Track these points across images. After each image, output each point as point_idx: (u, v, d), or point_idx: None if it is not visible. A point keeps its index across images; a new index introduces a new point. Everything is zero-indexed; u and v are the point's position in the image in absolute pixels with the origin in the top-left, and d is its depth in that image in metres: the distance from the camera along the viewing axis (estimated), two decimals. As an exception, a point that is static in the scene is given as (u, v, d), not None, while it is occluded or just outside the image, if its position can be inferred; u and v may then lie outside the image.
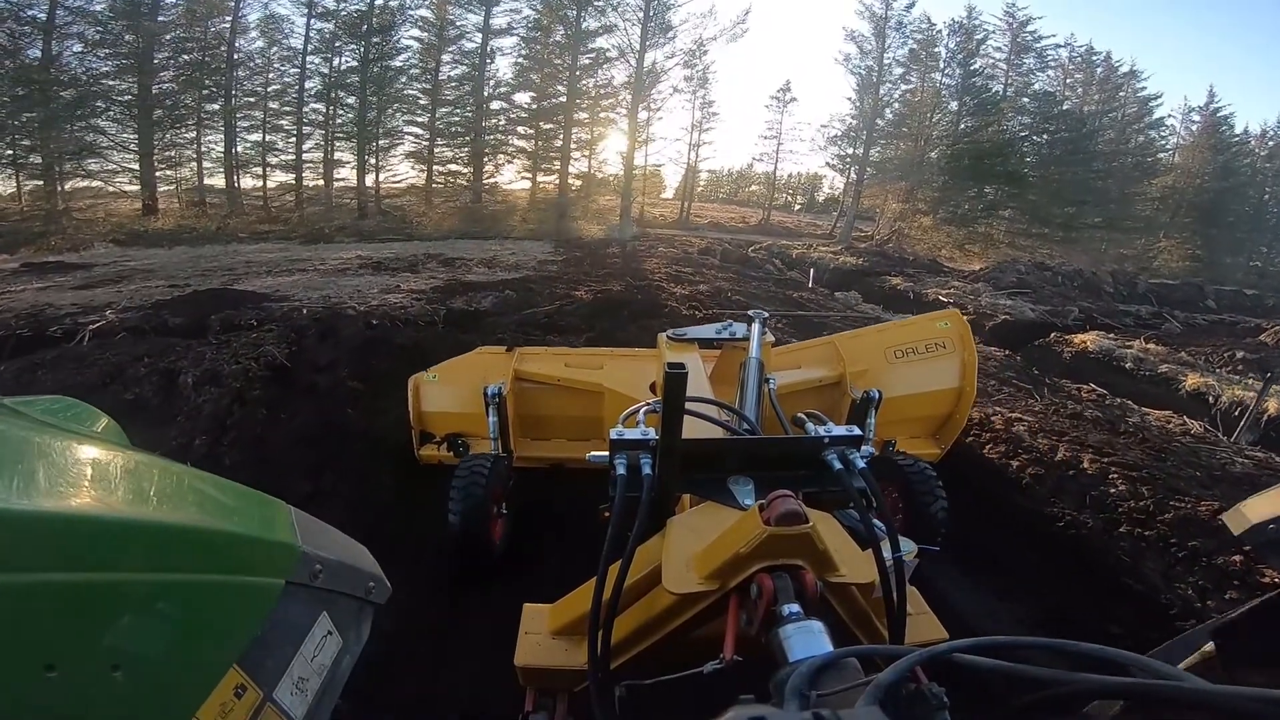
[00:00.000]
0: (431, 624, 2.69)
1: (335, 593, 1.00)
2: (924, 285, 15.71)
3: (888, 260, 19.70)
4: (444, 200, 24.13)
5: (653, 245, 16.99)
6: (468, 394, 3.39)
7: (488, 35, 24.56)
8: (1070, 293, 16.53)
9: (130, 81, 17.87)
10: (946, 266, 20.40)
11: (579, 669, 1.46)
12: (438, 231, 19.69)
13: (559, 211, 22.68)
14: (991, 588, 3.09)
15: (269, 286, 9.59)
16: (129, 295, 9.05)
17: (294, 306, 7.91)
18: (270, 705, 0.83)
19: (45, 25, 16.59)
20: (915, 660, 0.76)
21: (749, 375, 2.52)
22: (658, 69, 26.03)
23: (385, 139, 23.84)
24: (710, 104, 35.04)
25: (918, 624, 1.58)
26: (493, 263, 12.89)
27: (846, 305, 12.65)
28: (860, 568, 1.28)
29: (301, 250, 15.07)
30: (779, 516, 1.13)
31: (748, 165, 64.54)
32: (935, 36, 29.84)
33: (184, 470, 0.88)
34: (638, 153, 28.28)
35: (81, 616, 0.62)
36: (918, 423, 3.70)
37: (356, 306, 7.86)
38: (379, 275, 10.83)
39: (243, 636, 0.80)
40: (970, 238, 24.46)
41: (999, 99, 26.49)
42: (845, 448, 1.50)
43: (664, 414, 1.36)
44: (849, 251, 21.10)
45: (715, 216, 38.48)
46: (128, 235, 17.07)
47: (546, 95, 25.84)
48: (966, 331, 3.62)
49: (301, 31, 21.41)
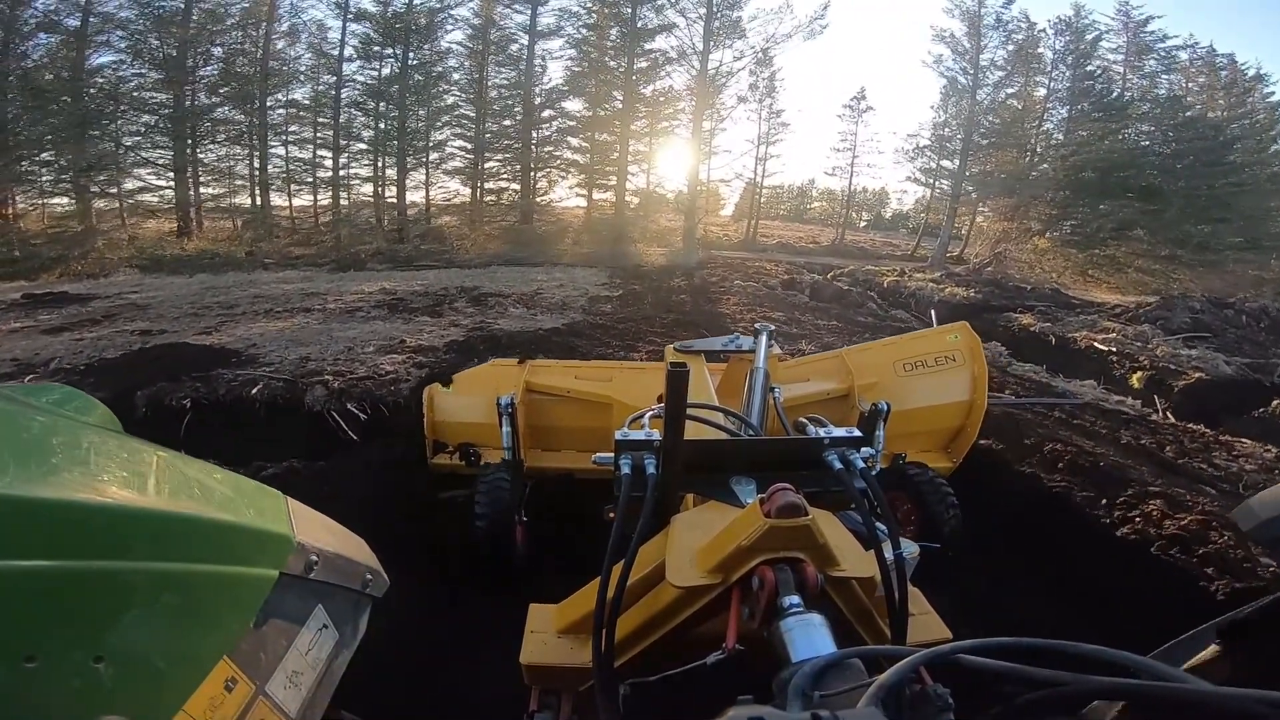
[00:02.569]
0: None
1: (332, 585, 1.01)
2: (1064, 325, 12.59)
3: (1002, 291, 16.53)
4: (489, 221, 22.17)
5: (724, 275, 14.39)
6: (480, 405, 3.44)
7: (534, 36, 22.61)
8: (1257, 336, 13.07)
9: (165, 93, 16.80)
10: (1074, 298, 17.00)
11: (583, 667, 1.48)
12: (480, 257, 17.69)
13: (615, 233, 20.24)
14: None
15: (252, 336, 7.62)
16: (88, 345, 7.34)
17: (254, 376, 5.81)
18: (263, 698, 0.82)
19: (78, 32, 15.63)
20: (919, 661, 0.77)
21: (755, 384, 2.58)
22: (723, 72, 23.40)
23: (425, 153, 22.09)
24: (778, 113, 32.41)
25: (920, 624, 1.54)
26: (534, 300, 10.63)
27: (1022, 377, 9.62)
28: (861, 563, 1.27)
29: (324, 280, 13.28)
30: (779, 508, 1.14)
31: (808, 180, 61.54)
32: (1038, 36, 26.49)
33: (177, 458, 0.87)
34: (700, 167, 25.81)
35: (63, 606, 0.61)
36: (928, 436, 3.65)
37: (333, 378, 5.67)
38: (391, 320, 8.72)
39: (234, 628, 0.80)
40: (1093, 261, 20.76)
41: (1126, 103, 22.76)
42: (846, 448, 1.50)
43: (667, 414, 1.37)
44: (951, 279, 17.98)
45: (781, 235, 35.64)
46: (152, 260, 15.82)
47: (600, 102, 23.65)
48: (977, 345, 3.58)
49: (337, 36, 20.05)
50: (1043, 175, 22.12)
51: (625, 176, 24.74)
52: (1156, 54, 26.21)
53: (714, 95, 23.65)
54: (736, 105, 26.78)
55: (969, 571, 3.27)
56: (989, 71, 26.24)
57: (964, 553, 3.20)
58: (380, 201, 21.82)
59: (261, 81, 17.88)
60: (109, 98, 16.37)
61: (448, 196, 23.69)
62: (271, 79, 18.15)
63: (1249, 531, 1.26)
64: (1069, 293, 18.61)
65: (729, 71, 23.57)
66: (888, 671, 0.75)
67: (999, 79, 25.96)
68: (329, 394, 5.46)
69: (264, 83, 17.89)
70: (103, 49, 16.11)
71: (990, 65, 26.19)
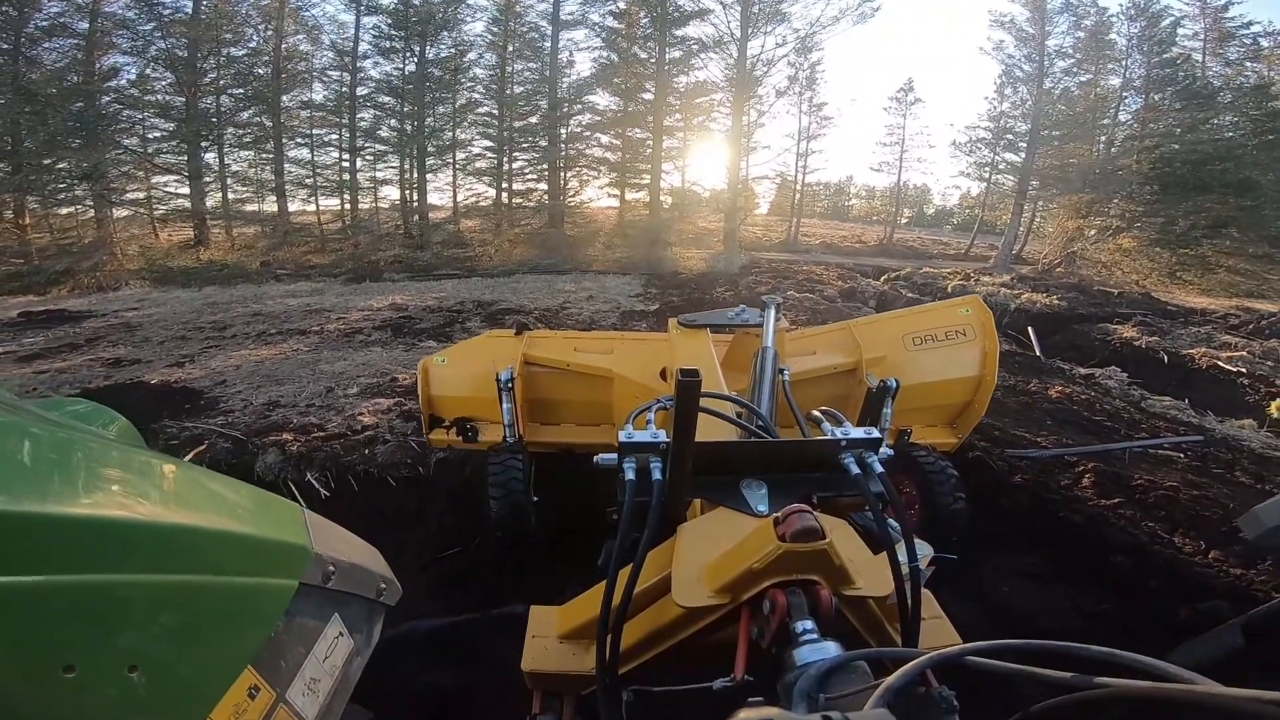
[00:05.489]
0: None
1: (347, 594, 1.04)
2: (1173, 339, 10.76)
3: (1088, 297, 14.65)
4: (515, 224, 20.87)
5: (773, 282, 12.81)
6: (477, 378, 3.35)
7: (558, 26, 21.15)
8: None
9: (178, 96, 16.05)
10: (1170, 304, 14.98)
11: (587, 674, 1.46)
12: (504, 264, 16.46)
13: (650, 236, 18.66)
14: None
15: (226, 370, 6.56)
16: (47, 380, 6.61)
17: (201, 430, 4.63)
18: (283, 705, 0.85)
19: (87, 35, 14.95)
20: (926, 664, 0.76)
21: (764, 367, 2.50)
22: (764, 60, 21.58)
23: (449, 153, 20.92)
24: (820, 107, 30.52)
25: (931, 629, 1.48)
26: (558, 317, 9.34)
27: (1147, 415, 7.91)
28: (877, 579, 1.24)
29: (334, 294, 12.25)
30: (795, 533, 1.09)
31: (846, 177, 59.28)
32: (1109, 22, 24.21)
33: (200, 472, 0.92)
34: (740, 164, 24.13)
35: (100, 618, 0.63)
36: (934, 411, 3.52)
37: (294, 439, 4.44)
38: (391, 346, 7.54)
39: (257, 638, 0.83)
40: (1181, 262, 18.51)
41: (1215, 90, 20.36)
42: (863, 450, 1.43)
43: (676, 425, 1.28)
44: (1024, 284, 16.10)
45: (823, 235, 33.76)
46: (162, 273, 15.11)
47: (631, 96, 22.14)
48: (989, 319, 3.39)
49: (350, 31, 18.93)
50: (1124, 169, 19.86)
51: (659, 175, 23.14)
52: (1240, 40, 23.85)
53: (754, 85, 21.92)
54: (777, 99, 25.02)
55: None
56: (1056, 59, 24.09)
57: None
58: (405, 205, 20.82)
59: (274, 81, 16.97)
60: (119, 103, 15.69)
61: (473, 199, 22.52)
62: (285, 79, 17.21)
63: (1255, 539, 1.37)
64: (1160, 297, 16.58)
65: (770, 60, 21.78)
66: (895, 673, 0.74)
67: (1068, 66, 23.75)
68: (284, 459, 4.25)
69: (277, 82, 16.98)
70: (112, 53, 15.44)
71: (1058, 51, 24.05)
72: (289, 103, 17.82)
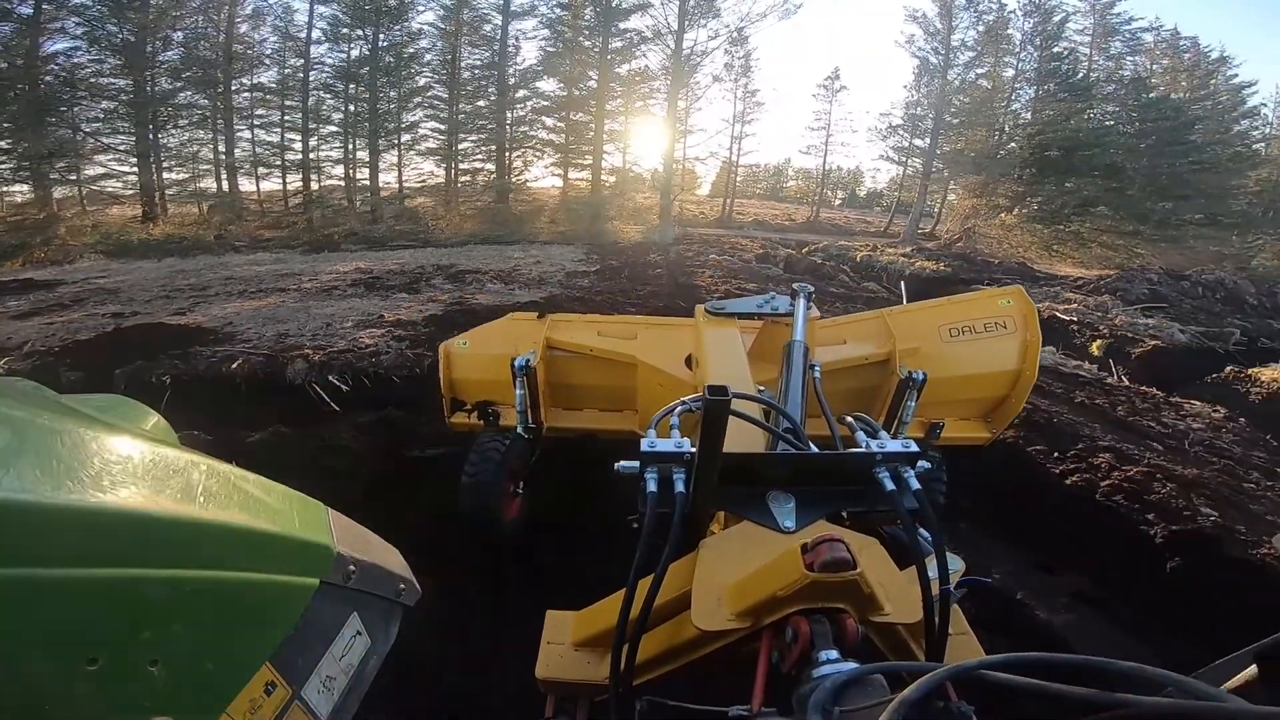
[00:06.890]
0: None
1: (366, 594, 1.03)
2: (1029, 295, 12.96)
3: (970, 265, 16.94)
4: (464, 201, 21.97)
5: (700, 250, 14.51)
6: (499, 361, 3.24)
7: (508, 16, 22.30)
8: (1212, 306, 13.59)
9: (123, 78, 16.24)
10: (1039, 271, 17.47)
11: (601, 683, 1.41)
12: (456, 236, 17.58)
13: (592, 212, 20.19)
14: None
15: (227, 315, 7.61)
16: (60, 329, 7.27)
17: (232, 352, 5.84)
18: (298, 702, 0.85)
19: (31, 20, 14.99)
20: (942, 677, 0.74)
21: (793, 361, 2.38)
22: (698, 51, 23.34)
23: (397, 135, 21.73)
24: (754, 93, 32.49)
25: (957, 644, 1.36)
26: (511, 276, 10.70)
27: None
28: (906, 604, 1.18)
29: (298, 262, 13.16)
30: (825, 563, 1.04)
31: (784, 160, 61.68)
32: (1007, 18, 26.82)
33: (229, 470, 0.88)
34: (676, 146, 25.80)
35: (124, 611, 0.63)
36: (969, 404, 3.46)
37: (313, 353, 5.73)
38: (368, 297, 8.74)
39: (277, 634, 0.82)
40: (1057, 237, 21.31)
41: (1091, 83, 23.20)
42: (899, 464, 1.34)
43: (702, 438, 1.22)
44: (921, 254, 18.33)
45: (758, 214, 35.83)
46: (118, 246, 15.47)
47: (575, 82, 23.46)
48: (1031, 311, 3.26)
49: (304, 18, 19.51)
50: (1010, 154, 22.58)
51: (601, 156, 24.64)
52: (1122, 36, 26.79)
53: (689, 75, 23.61)
54: (711, 85, 26.91)
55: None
56: (960, 52, 26.60)
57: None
58: (351, 184, 21.46)
59: (226, 65, 17.35)
60: (66, 84, 15.79)
61: (421, 178, 23.45)
62: (236, 63, 17.62)
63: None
64: (1034, 267, 19.11)
65: (703, 51, 23.53)
66: (910, 687, 0.72)
67: (969, 59, 26.32)
68: (309, 367, 5.53)
69: (228, 66, 17.37)
70: (58, 36, 15.52)
71: (961, 45, 26.55)
72: (239, 87, 18.21)
